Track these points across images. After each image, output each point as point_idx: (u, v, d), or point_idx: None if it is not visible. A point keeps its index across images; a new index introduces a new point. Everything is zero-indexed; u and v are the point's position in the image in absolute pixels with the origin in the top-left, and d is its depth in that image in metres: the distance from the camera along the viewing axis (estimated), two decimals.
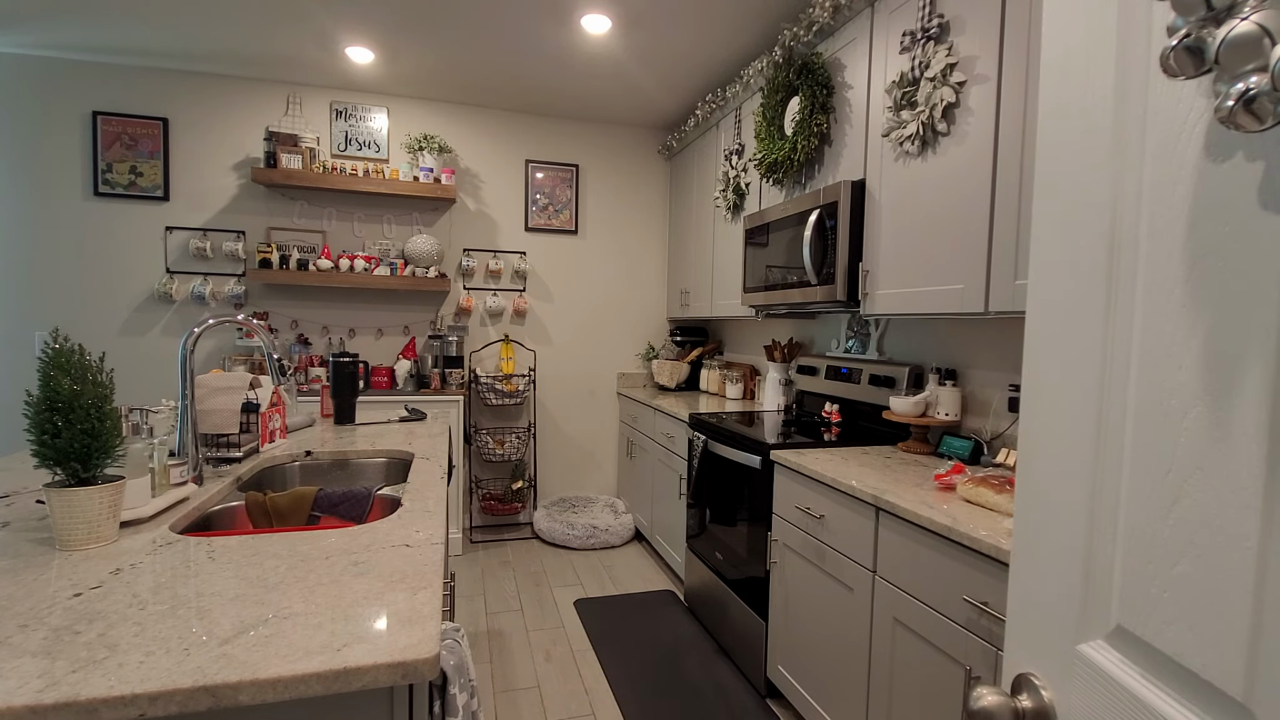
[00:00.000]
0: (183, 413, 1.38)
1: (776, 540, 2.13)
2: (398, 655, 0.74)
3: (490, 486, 3.94)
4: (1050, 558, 0.57)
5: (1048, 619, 0.57)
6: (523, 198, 3.97)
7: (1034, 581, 0.59)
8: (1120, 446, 0.50)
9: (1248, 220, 0.41)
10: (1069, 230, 0.57)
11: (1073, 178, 0.56)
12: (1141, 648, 0.48)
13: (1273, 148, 0.39)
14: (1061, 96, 0.58)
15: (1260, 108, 0.36)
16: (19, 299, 3.26)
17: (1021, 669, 0.60)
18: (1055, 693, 0.55)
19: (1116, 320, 0.51)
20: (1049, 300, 0.59)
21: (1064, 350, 0.57)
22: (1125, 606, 0.49)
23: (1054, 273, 0.58)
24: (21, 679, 0.66)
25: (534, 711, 2.16)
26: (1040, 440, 0.59)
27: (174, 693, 0.66)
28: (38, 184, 3.25)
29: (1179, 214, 0.46)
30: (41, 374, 1.01)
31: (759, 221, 2.72)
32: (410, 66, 3.28)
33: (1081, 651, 0.53)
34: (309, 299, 3.63)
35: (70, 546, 1.03)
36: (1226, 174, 0.42)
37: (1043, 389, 0.59)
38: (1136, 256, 0.50)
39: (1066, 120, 0.57)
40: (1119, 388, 0.51)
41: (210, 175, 3.45)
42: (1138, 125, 0.50)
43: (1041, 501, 0.58)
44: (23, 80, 3.21)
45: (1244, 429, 0.41)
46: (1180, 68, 0.41)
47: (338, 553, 1.05)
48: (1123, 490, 0.50)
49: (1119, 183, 0.51)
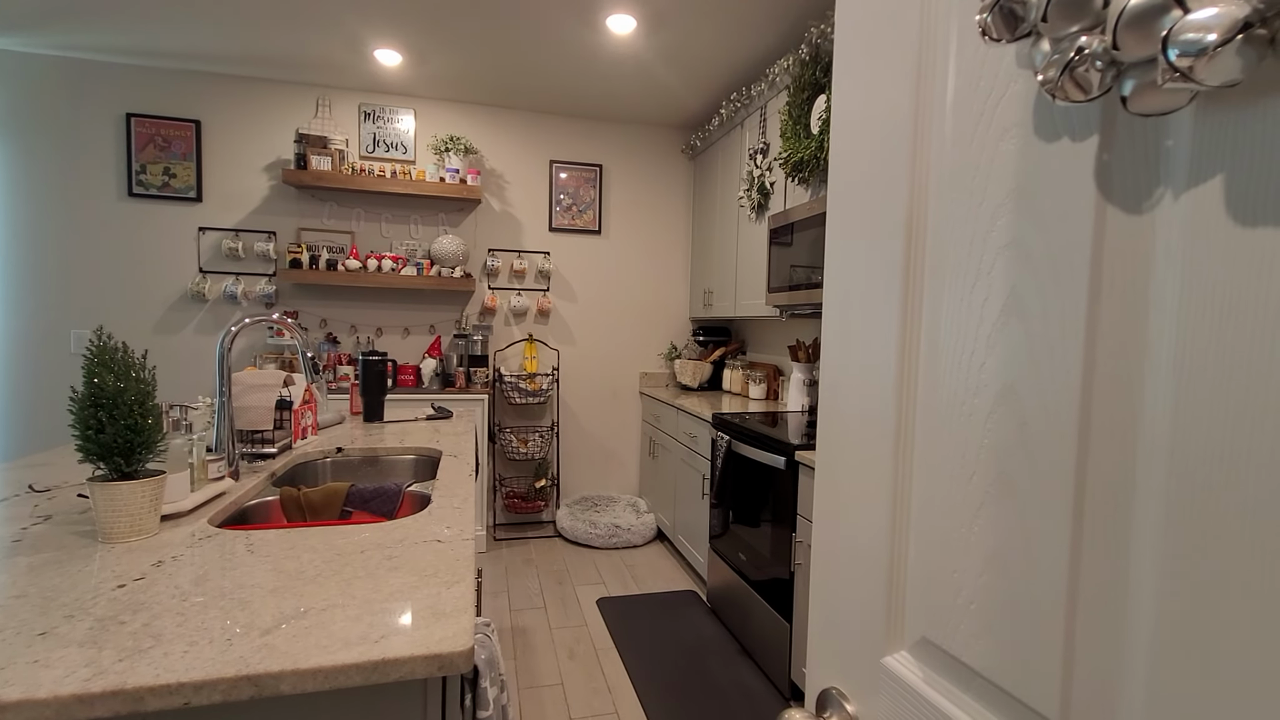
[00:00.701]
0: (220, 409, 1.41)
1: (801, 542, 2.11)
2: (434, 648, 0.74)
3: (514, 484, 3.97)
4: (851, 566, 0.54)
5: (851, 631, 0.54)
6: (547, 198, 3.99)
7: (835, 592, 0.56)
8: (923, 449, 0.47)
9: (1054, 207, 0.37)
10: (865, 215, 0.52)
11: (868, 157, 0.52)
12: (948, 661, 0.45)
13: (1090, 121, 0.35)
14: (856, 78, 0.53)
15: (1085, 76, 0.32)
16: (55, 297, 3.36)
17: (826, 684, 0.56)
18: (860, 707, 0.52)
19: (916, 315, 0.47)
20: (844, 294, 0.55)
21: (860, 346, 0.53)
22: (930, 618, 0.46)
23: (849, 269, 0.54)
24: (69, 668, 0.68)
25: (557, 708, 2.17)
26: (837, 442, 0.55)
27: (218, 682, 0.67)
28: (73, 185, 3.34)
29: (980, 203, 0.42)
30: (86, 371, 1.04)
31: (784, 221, 2.70)
32: (437, 68, 3.31)
33: (886, 664, 0.49)
34: (337, 298, 3.69)
35: (113, 539, 1.06)
36: (1032, 156, 0.38)
37: (839, 388, 0.55)
38: (937, 250, 0.45)
39: (862, 105, 0.52)
40: (920, 387, 0.47)
41: (242, 176, 3.52)
42: (937, 107, 0.45)
43: (840, 508, 0.55)
44: (58, 82, 3.30)
45: (1050, 432, 0.37)
46: (998, 30, 0.36)
47: (372, 547, 1.06)
48: (925, 495, 0.46)
49: (917, 166, 0.47)
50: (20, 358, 3.35)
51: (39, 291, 3.34)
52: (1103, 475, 0.34)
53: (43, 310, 3.35)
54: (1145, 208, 0.32)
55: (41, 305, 3.35)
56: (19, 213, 3.30)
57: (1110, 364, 0.34)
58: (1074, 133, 0.36)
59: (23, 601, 0.83)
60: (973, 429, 0.42)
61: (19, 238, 3.30)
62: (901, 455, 0.49)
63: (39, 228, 3.32)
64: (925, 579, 0.47)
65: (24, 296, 3.33)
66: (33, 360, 3.35)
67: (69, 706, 0.64)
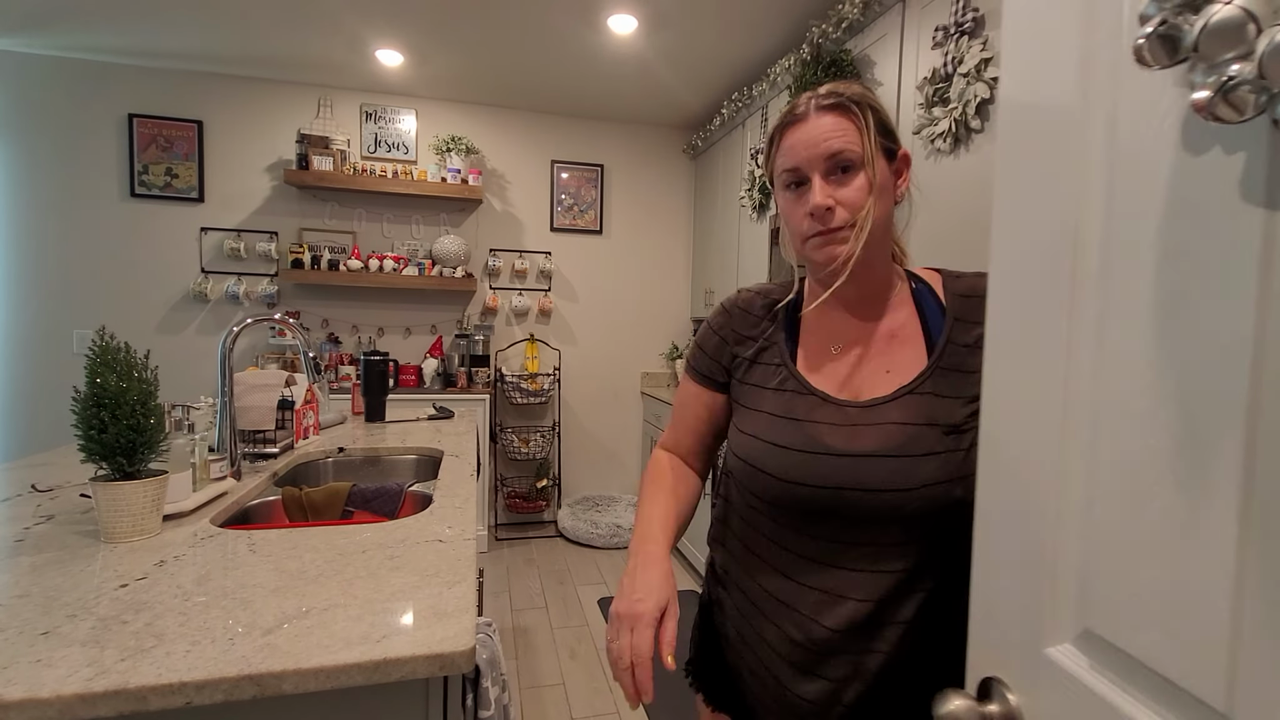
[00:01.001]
0: (222, 409, 1.41)
1: None
2: (435, 647, 0.74)
3: (515, 484, 3.97)
4: (1013, 559, 0.55)
5: (1012, 622, 0.55)
6: (548, 198, 3.99)
7: (997, 583, 0.57)
8: (1087, 447, 0.48)
9: (1222, 216, 0.38)
10: (1030, 230, 0.54)
11: (1034, 174, 0.54)
12: (1113, 653, 0.46)
13: (1253, 140, 0.37)
14: (1024, 89, 0.55)
15: (1240, 99, 0.34)
16: (58, 297, 3.36)
17: (987, 672, 0.57)
18: (1022, 697, 0.53)
19: (1082, 320, 0.49)
20: (1009, 297, 0.57)
21: (1026, 349, 0.54)
22: (1094, 610, 0.47)
23: (1016, 272, 0.56)
24: (71, 667, 0.68)
25: (559, 708, 2.17)
26: (1001, 440, 0.57)
27: (220, 681, 0.68)
28: (75, 185, 3.35)
29: (1148, 211, 0.44)
30: (89, 371, 1.04)
31: None
32: (439, 68, 3.31)
33: (1049, 655, 0.51)
34: (339, 298, 3.69)
35: (115, 539, 1.06)
36: (1200, 168, 0.40)
37: (1004, 388, 0.57)
38: (1104, 256, 0.47)
39: (1030, 114, 0.54)
40: (1085, 389, 0.49)
41: (244, 177, 3.53)
42: (1106, 119, 0.47)
43: (1003, 501, 0.56)
44: (61, 83, 3.30)
45: (1216, 430, 0.39)
46: (1154, 57, 0.38)
47: (373, 547, 1.06)
48: (1091, 491, 0.48)
49: (1083, 180, 0.49)
50: (23, 357, 3.35)
51: (42, 291, 3.34)
52: (1270, 471, 0.36)
53: (45, 310, 3.36)
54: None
55: (44, 305, 3.35)
56: (22, 213, 3.30)
57: (1277, 364, 0.36)
58: (1237, 149, 0.38)
59: (25, 601, 0.83)
60: (1138, 428, 0.44)
61: (22, 238, 3.31)
62: (1067, 453, 0.50)
63: (42, 228, 3.32)
64: (1089, 571, 0.48)
65: (27, 296, 3.33)
66: (36, 360, 3.36)
67: (72, 706, 0.64)
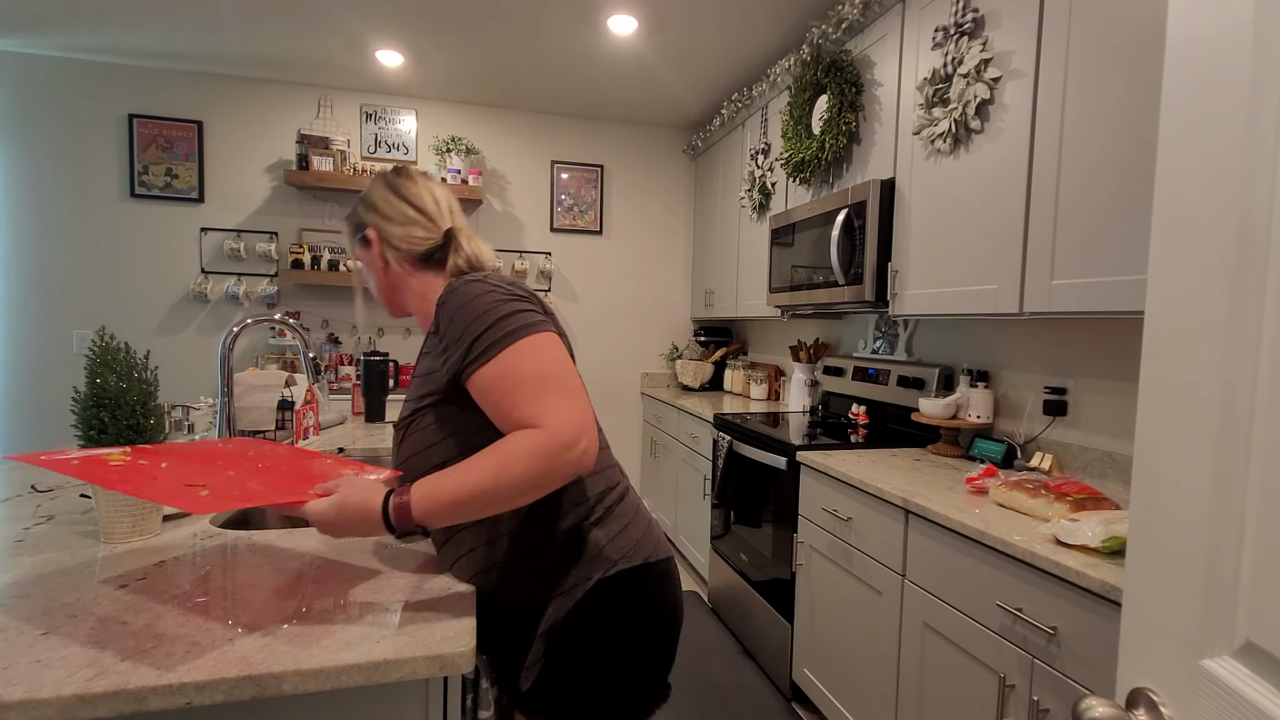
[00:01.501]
0: (222, 409, 1.41)
1: (803, 542, 2.11)
2: (435, 648, 0.74)
3: None
4: (1169, 567, 0.53)
5: (1166, 631, 0.53)
6: (548, 198, 3.99)
7: (1151, 591, 0.55)
8: (1249, 451, 0.46)
9: None
10: (1191, 220, 0.52)
11: (1197, 160, 0.51)
12: (1276, 666, 0.44)
13: None
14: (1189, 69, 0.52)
15: None
16: (59, 298, 3.36)
17: (1138, 683, 0.56)
18: (1176, 710, 0.51)
19: (1245, 318, 0.47)
20: (1169, 296, 0.54)
21: (1185, 350, 0.52)
22: (1256, 621, 0.45)
23: (1174, 266, 0.54)
24: (71, 668, 0.68)
25: None
26: (1159, 444, 0.55)
27: (220, 682, 0.68)
28: (76, 185, 3.35)
29: None
30: (89, 371, 1.04)
31: (785, 221, 2.70)
32: (438, 69, 3.31)
33: (1206, 667, 0.49)
34: (339, 299, 3.69)
35: (115, 539, 1.06)
36: None
37: (1162, 390, 0.55)
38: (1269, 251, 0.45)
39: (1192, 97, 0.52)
40: (1247, 389, 0.47)
41: (244, 177, 3.53)
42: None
43: (1160, 508, 0.55)
44: (61, 83, 3.31)
45: None
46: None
47: (373, 547, 1.06)
48: (1252, 497, 0.46)
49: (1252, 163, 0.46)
50: (24, 358, 3.35)
51: (42, 292, 3.35)
52: None
53: (46, 310, 3.36)
54: None
55: (45, 305, 3.35)
56: (22, 213, 3.30)
57: None
58: None
59: (25, 601, 0.83)
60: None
61: (23, 238, 3.31)
62: (1234, 458, 0.48)
63: (42, 228, 3.32)
64: (1254, 582, 0.46)
65: (27, 297, 3.33)
66: (36, 360, 3.36)
67: (71, 706, 0.64)
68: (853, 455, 2.06)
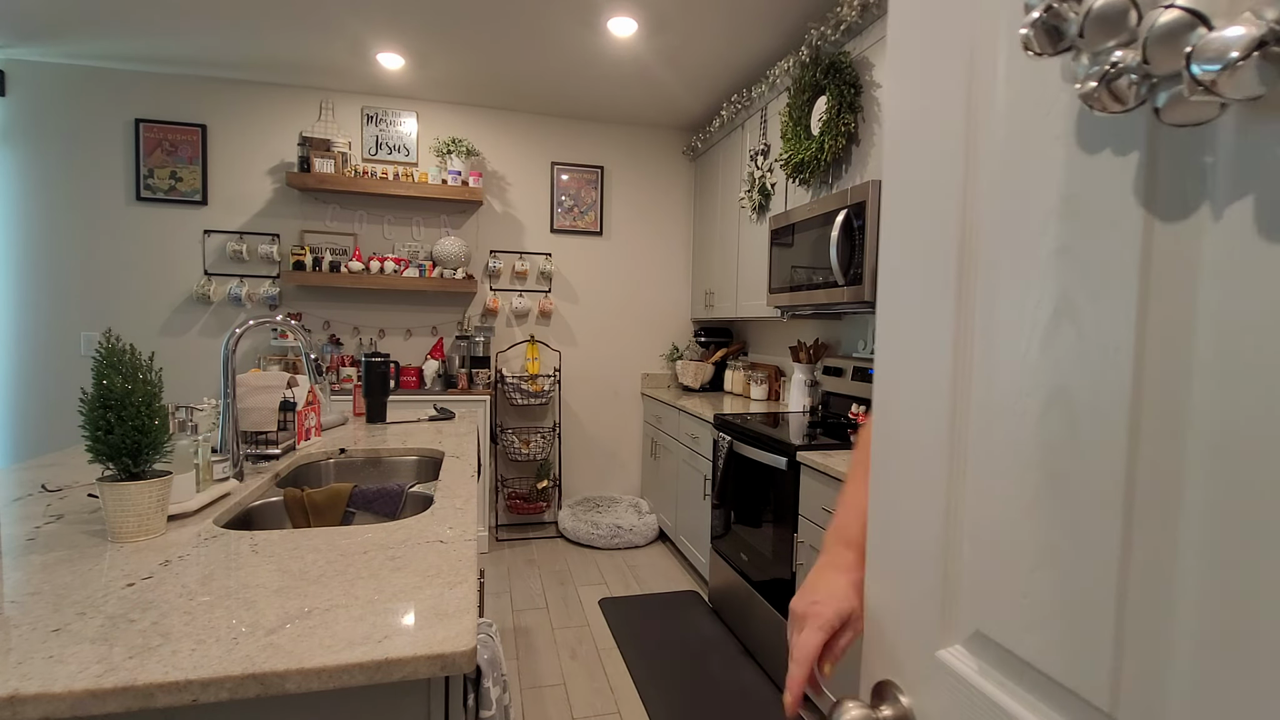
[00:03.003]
0: (225, 410, 1.43)
1: (803, 542, 2.12)
2: (436, 648, 0.76)
3: (515, 485, 3.99)
4: (905, 561, 0.55)
5: (905, 625, 0.55)
6: (548, 199, 4.00)
7: (890, 585, 0.57)
8: (976, 448, 0.48)
9: (1106, 212, 0.38)
10: (918, 225, 0.54)
11: (922, 172, 0.54)
12: (1002, 654, 0.46)
13: (1133, 132, 0.37)
14: (909, 82, 0.55)
15: (1120, 89, 0.34)
16: (67, 300, 3.39)
17: (881, 676, 0.57)
18: (915, 699, 0.53)
19: (969, 320, 0.49)
20: (898, 296, 0.56)
21: (914, 348, 0.54)
22: (984, 612, 0.47)
23: (903, 272, 0.56)
24: (82, 664, 0.70)
25: (560, 708, 2.18)
26: (892, 441, 0.57)
27: (225, 680, 0.69)
28: (84, 189, 3.38)
29: (1033, 209, 0.43)
30: (95, 373, 1.06)
31: (785, 222, 2.71)
32: (439, 71, 3.33)
33: (940, 658, 0.51)
34: (341, 300, 3.71)
35: (121, 538, 1.08)
36: (1086, 164, 0.40)
37: (893, 389, 0.57)
38: (991, 253, 0.47)
39: (915, 107, 0.55)
40: (974, 388, 0.48)
41: (246, 180, 3.55)
42: (990, 114, 0.47)
43: (895, 503, 0.56)
44: (71, 90, 3.33)
45: (1100, 432, 0.38)
46: (1040, 45, 0.38)
47: (375, 548, 1.07)
48: (979, 493, 0.48)
49: (970, 173, 0.49)
50: (33, 359, 3.38)
51: (51, 294, 3.37)
52: (1151, 473, 0.36)
53: (54, 312, 3.38)
54: (1190, 218, 0.34)
55: (53, 307, 3.38)
56: (32, 217, 3.33)
57: (1158, 367, 0.36)
58: (1120, 144, 0.38)
59: (37, 599, 0.85)
60: (1025, 428, 0.44)
61: (32, 241, 3.34)
62: (955, 454, 0.50)
63: (51, 232, 3.35)
64: (978, 574, 0.48)
65: (37, 299, 3.36)
66: (45, 362, 3.39)
67: (83, 701, 0.65)
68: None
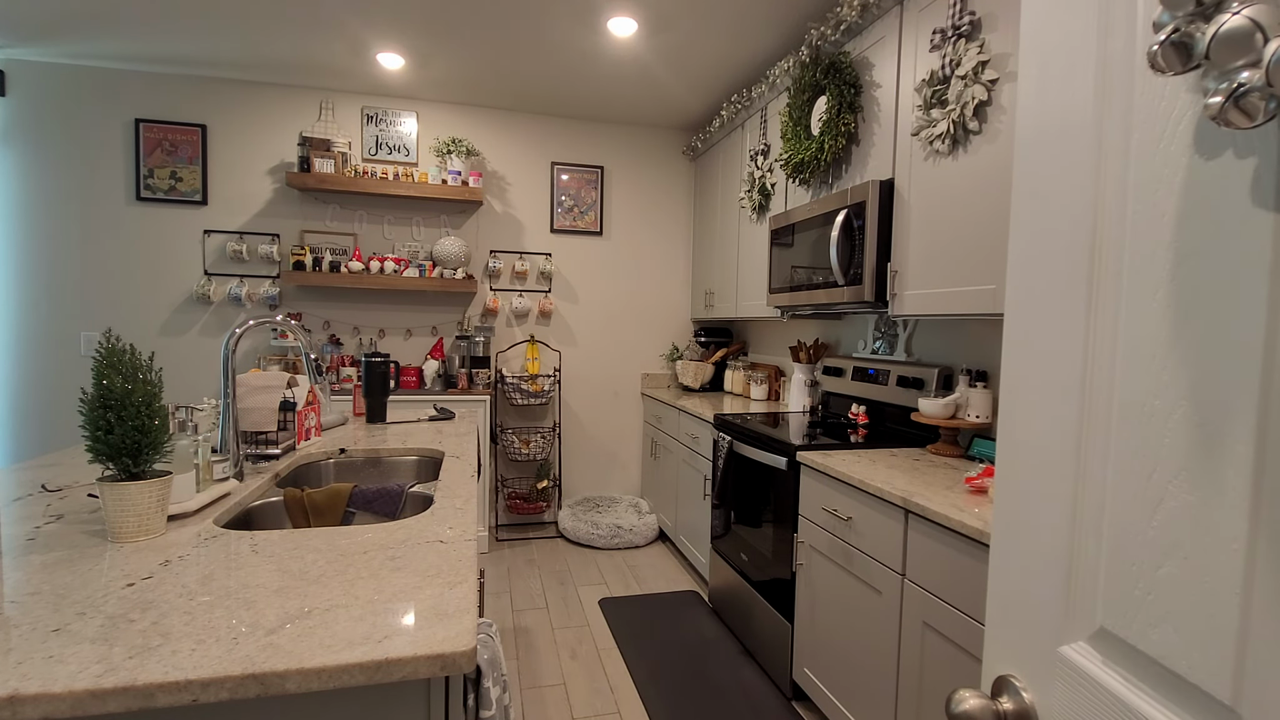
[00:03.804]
0: (225, 410, 1.43)
1: (803, 542, 2.12)
2: (436, 648, 0.76)
3: (516, 485, 3.98)
4: (1031, 558, 0.56)
5: (1028, 620, 0.56)
6: (548, 199, 4.00)
7: (1014, 582, 0.58)
8: (1103, 448, 0.49)
9: (1236, 219, 0.39)
10: (1049, 232, 0.56)
11: (1053, 179, 0.55)
12: (1125, 650, 0.47)
13: (1263, 145, 0.38)
14: (1041, 96, 0.57)
15: (1251, 104, 0.35)
16: (66, 300, 3.39)
17: (1001, 670, 0.58)
18: (1036, 694, 0.54)
19: (1098, 322, 0.50)
20: (1028, 301, 0.58)
21: (1044, 351, 0.56)
22: (1108, 608, 0.48)
23: (1033, 275, 0.57)
24: (82, 664, 0.70)
25: (560, 708, 2.18)
26: (1021, 441, 0.58)
27: (225, 680, 0.69)
28: (85, 189, 3.37)
29: (1163, 214, 0.45)
30: (95, 373, 1.05)
31: (785, 222, 2.71)
32: (439, 71, 3.33)
33: (1063, 653, 0.52)
34: (340, 300, 3.71)
35: (121, 538, 1.07)
36: (1214, 172, 0.41)
37: (1023, 390, 0.58)
38: (1119, 258, 0.49)
39: (1046, 120, 0.56)
40: (1102, 389, 0.50)
41: (246, 180, 3.54)
42: (1121, 124, 0.49)
43: (1022, 502, 0.57)
44: (71, 90, 3.33)
45: (1229, 430, 0.39)
46: (1168, 64, 0.40)
47: (375, 548, 1.07)
48: (1106, 491, 0.49)
49: (1100, 183, 0.50)
50: (34, 359, 3.38)
51: (51, 294, 3.37)
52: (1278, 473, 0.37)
53: (55, 312, 3.38)
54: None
55: (53, 307, 3.38)
56: (34, 217, 3.33)
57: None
58: (1250, 153, 0.39)
59: (37, 599, 0.85)
60: (1154, 428, 0.45)
61: (33, 242, 3.34)
62: (1084, 453, 0.51)
63: (52, 232, 3.35)
64: (1104, 571, 0.49)
65: (38, 299, 3.36)
66: (46, 362, 3.39)
67: (83, 701, 0.65)
68: (852, 455, 2.07)
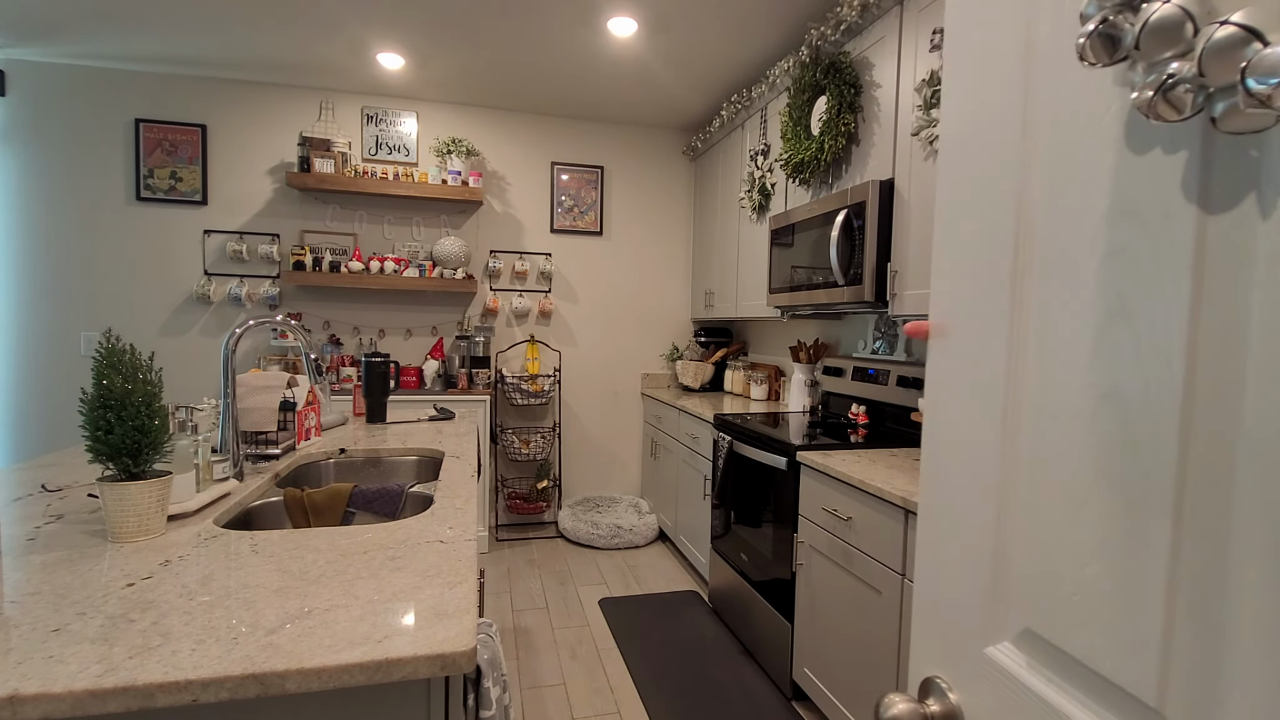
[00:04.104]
0: (225, 410, 1.43)
1: (803, 542, 2.12)
2: (436, 648, 0.76)
3: (516, 485, 3.99)
4: (957, 559, 0.55)
5: (954, 622, 0.55)
6: (548, 199, 4.00)
7: (940, 583, 0.58)
8: (1028, 448, 0.49)
9: (1162, 214, 0.39)
10: (972, 230, 0.55)
11: (976, 177, 0.54)
12: (1050, 651, 0.47)
13: (1190, 139, 0.37)
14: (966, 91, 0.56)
15: (1178, 98, 0.34)
16: (66, 300, 3.39)
17: (929, 672, 0.58)
18: (963, 696, 0.54)
19: (1022, 319, 0.49)
20: (951, 299, 0.57)
21: (968, 351, 0.55)
22: (1034, 609, 0.48)
23: (956, 273, 0.56)
24: (82, 664, 0.70)
25: (559, 708, 2.18)
26: (946, 441, 0.57)
27: (225, 680, 0.69)
28: (84, 189, 3.37)
29: (1089, 209, 0.44)
30: (95, 373, 1.06)
31: (785, 222, 2.71)
32: (439, 71, 3.33)
33: (989, 654, 0.51)
34: (341, 300, 3.71)
35: (121, 538, 1.07)
36: (1142, 167, 0.40)
37: (947, 390, 0.57)
38: (1044, 256, 0.48)
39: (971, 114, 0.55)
40: (1025, 388, 0.49)
41: (246, 180, 3.55)
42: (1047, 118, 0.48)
43: (947, 502, 0.57)
44: (71, 90, 3.33)
45: (1152, 431, 0.39)
46: (1096, 56, 0.38)
47: (375, 548, 1.07)
48: (1031, 492, 0.48)
49: (1025, 178, 0.49)
50: (34, 359, 3.38)
51: (51, 294, 3.37)
52: (1203, 473, 0.36)
53: (54, 312, 3.38)
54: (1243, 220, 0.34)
55: (53, 307, 3.38)
56: (34, 217, 3.33)
57: (1211, 366, 0.36)
58: (1174, 148, 0.38)
59: (37, 599, 0.85)
60: (1078, 428, 0.44)
61: (34, 242, 3.34)
62: (1008, 455, 0.51)
63: (52, 232, 3.35)
64: (1029, 572, 0.48)
65: (38, 299, 3.36)
66: (46, 362, 3.39)
67: (83, 701, 0.65)
68: (852, 455, 2.07)
